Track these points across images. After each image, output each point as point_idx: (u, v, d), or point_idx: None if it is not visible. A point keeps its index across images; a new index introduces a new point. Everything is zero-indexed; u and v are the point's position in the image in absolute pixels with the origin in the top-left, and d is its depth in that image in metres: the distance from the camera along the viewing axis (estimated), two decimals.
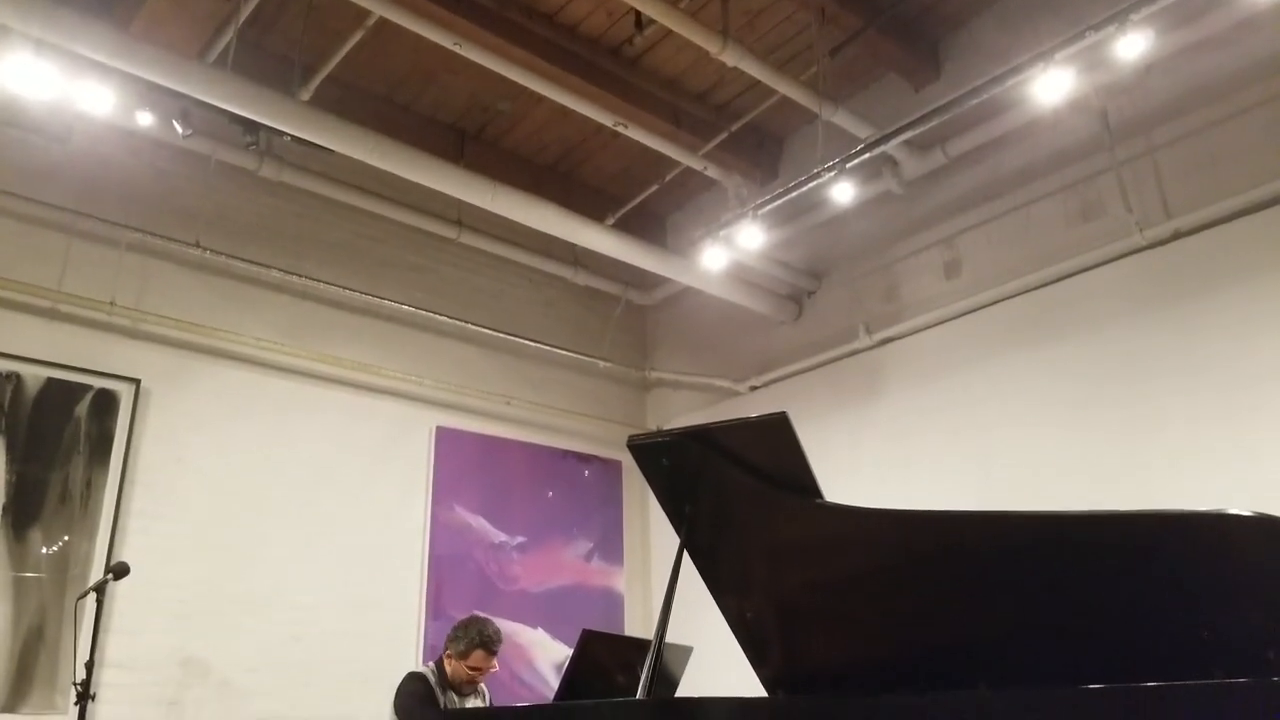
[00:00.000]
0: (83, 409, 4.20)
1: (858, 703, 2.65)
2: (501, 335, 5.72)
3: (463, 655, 3.66)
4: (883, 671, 2.90)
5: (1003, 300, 4.60)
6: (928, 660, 2.98)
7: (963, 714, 2.58)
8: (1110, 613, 2.78)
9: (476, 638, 3.67)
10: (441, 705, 3.61)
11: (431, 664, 3.78)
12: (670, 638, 2.90)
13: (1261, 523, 2.59)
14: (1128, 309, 4.14)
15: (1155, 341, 4.01)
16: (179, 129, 4.38)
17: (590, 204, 5.56)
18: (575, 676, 3.13)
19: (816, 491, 2.85)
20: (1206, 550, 2.67)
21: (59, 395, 4.16)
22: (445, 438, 5.38)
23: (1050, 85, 3.67)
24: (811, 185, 4.41)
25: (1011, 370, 4.49)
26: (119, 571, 3.71)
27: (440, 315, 5.46)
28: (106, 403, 4.27)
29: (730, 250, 4.85)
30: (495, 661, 3.75)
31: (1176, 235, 4.04)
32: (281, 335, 4.90)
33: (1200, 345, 3.88)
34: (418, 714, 3.51)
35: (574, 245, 5.52)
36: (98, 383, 4.27)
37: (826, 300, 5.54)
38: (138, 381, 4.37)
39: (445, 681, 3.70)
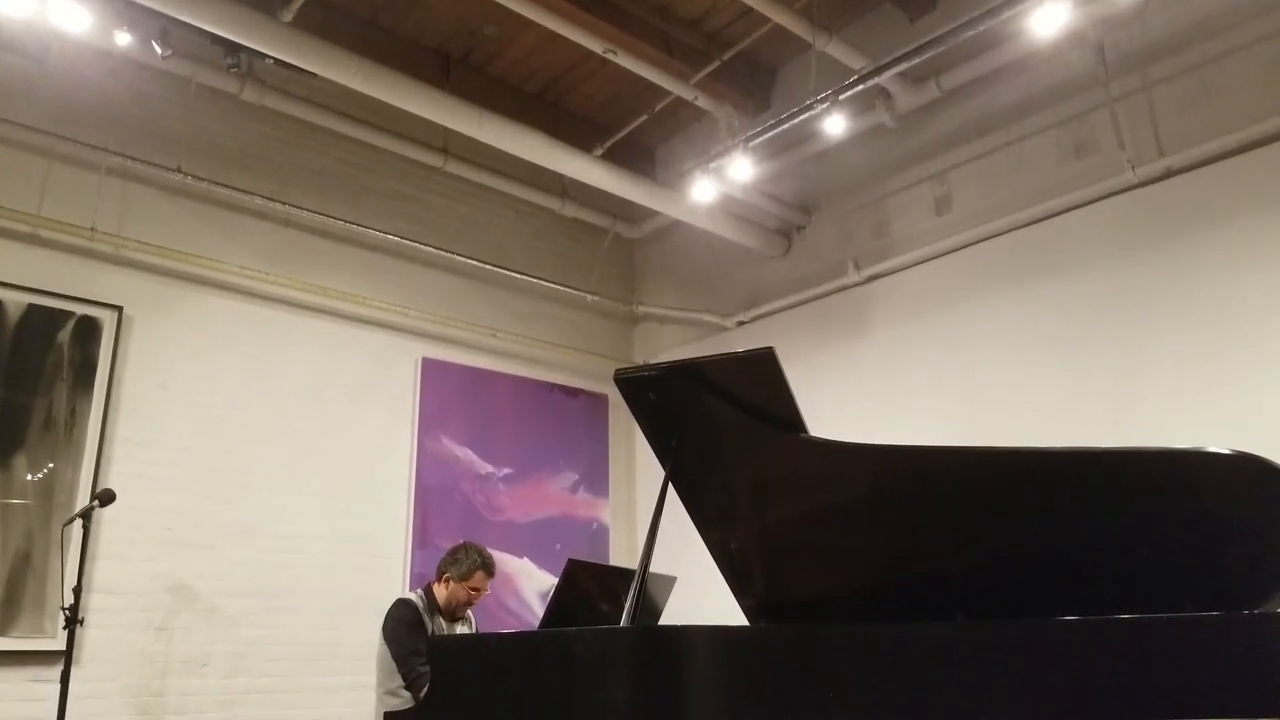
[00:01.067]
0: (65, 336, 4.17)
1: (838, 631, 2.70)
2: (487, 267, 5.68)
3: (464, 577, 3.71)
4: (863, 602, 2.96)
5: (992, 237, 4.58)
6: (907, 591, 3.03)
7: (939, 643, 2.64)
8: (1086, 547, 2.83)
9: (477, 559, 3.74)
10: (430, 631, 3.66)
11: (420, 590, 3.82)
12: (654, 568, 2.94)
13: (1240, 460, 2.62)
14: (1117, 247, 4.13)
15: (1144, 281, 4.02)
16: (158, 49, 4.27)
17: (578, 133, 5.47)
18: (560, 604, 3.18)
19: (801, 426, 2.87)
20: (1184, 487, 2.71)
21: (41, 322, 4.12)
22: (431, 369, 5.37)
23: (1047, 18, 3.61)
24: (804, 117, 4.36)
25: (999, 308, 4.49)
26: (105, 498, 3.73)
27: (425, 245, 5.41)
28: (89, 329, 4.23)
29: (720, 183, 4.80)
30: (489, 586, 3.82)
31: (1168, 173, 4.02)
32: (265, 263, 4.85)
33: (1188, 285, 3.88)
34: (407, 640, 3.56)
35: (562, 176, 5.45)
36: (80, 309, 4.22)
37: (816, 235, 5.51)
38: (120, 308, 4.33)
39: (434, 607, 3.75)
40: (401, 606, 3.72)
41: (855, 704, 2.63)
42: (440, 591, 3.75)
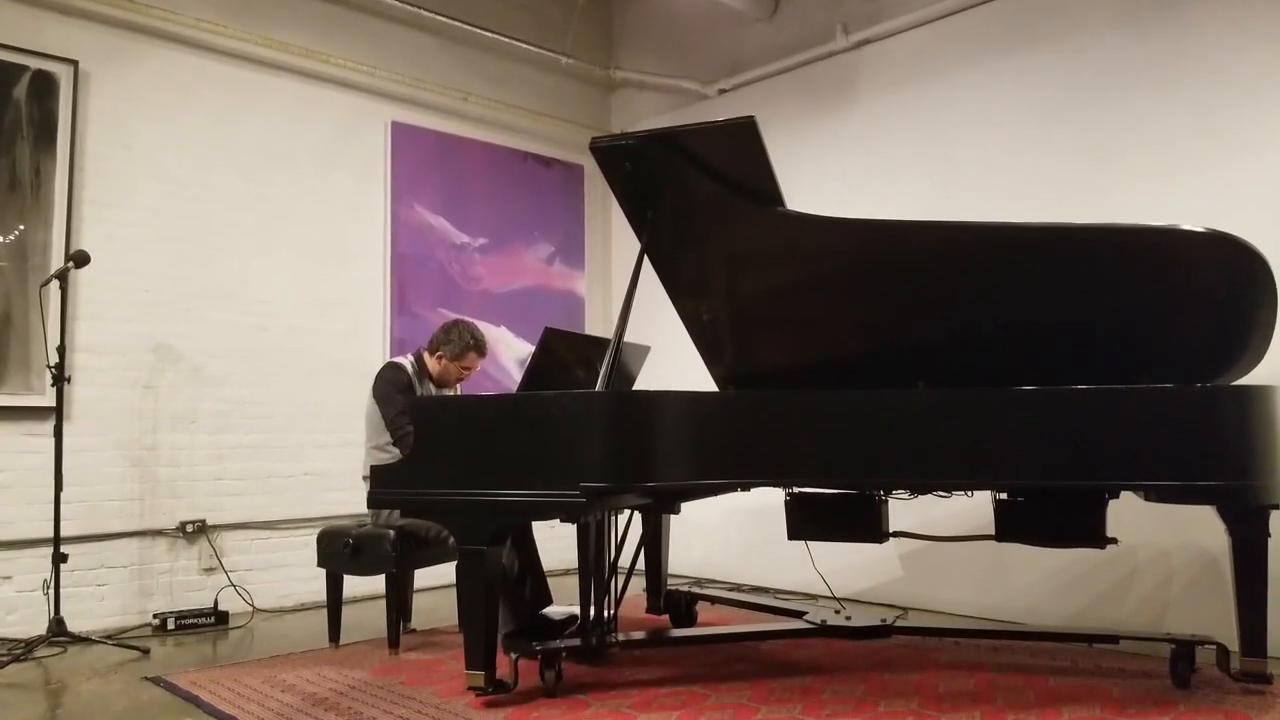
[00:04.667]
0: (21, 92, 3.99)
1: (802, 395, 2.83)
2: (457, 24, 5.40)
3: (457, 357, 3.87)
4: (829, 372, 3.08)
5: (989, 1, 4.39)
6: (874, 363, 3.15)
7: (899, 407, 2.78)
8: (1054, 321, 2.93)
9: (470, 340, 3.89)
10: (419, 395, 3.81)
11: (411, 356, 3.95)
12: (629, 338, 3.02)
13: (1213, 240, 2.68)
14: (1117, 14, 3.97)
15: (1139, 50, 3.90)
16: None
17: None
18: (538, 371, 3.27)
19: (779, 199, 2.87)
20: (1155, 264, 2.78)
21: None
22: (401, 133, 5.23)
23: None
24: None
25: (988, 79, 4.37)
26: (79, 260, 3.72)
27: None
28: (45, 85, 4.05)
29: None
30: (480, 364, 3.98)
31: None
32: (223, 16, 4.59)
33: (1186, 55, 3.76)
34: (397, 400, 3.71)
35: None
36: (33, 63, 4.02)
37: None
38: (75, 63, 4.12)
39: (424, 373, 3.90)
40: (392, 369, 3.86)
41: (816, 460, 2.80)
42: (433, 365, 3.90)
